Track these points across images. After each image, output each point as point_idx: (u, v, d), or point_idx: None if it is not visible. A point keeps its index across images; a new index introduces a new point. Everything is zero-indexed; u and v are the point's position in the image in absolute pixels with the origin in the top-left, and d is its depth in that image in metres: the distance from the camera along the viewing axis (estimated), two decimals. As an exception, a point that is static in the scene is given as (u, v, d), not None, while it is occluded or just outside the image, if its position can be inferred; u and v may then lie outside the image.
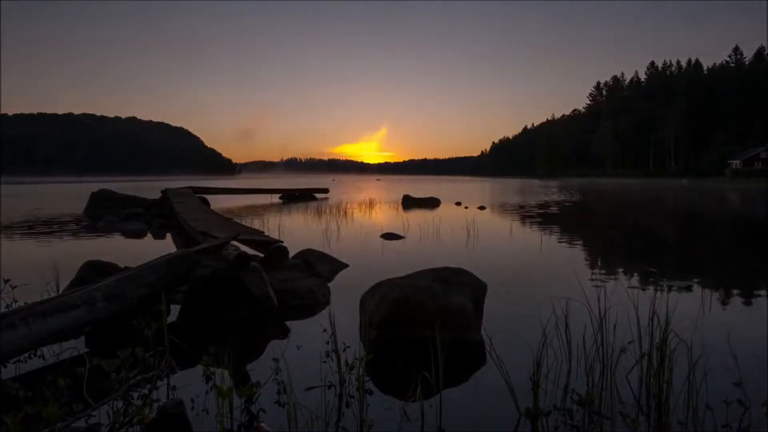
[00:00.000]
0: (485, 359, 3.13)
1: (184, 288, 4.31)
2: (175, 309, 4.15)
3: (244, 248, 5.27)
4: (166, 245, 8.71)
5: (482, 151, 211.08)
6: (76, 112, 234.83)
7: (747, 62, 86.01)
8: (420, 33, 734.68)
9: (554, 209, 17.35)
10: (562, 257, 7.23)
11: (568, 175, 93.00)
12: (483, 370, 3.00)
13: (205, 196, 17.71)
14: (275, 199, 22.66)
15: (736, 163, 63.57)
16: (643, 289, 4.99)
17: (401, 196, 20.45)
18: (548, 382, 2.64)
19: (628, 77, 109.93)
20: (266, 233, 7.26)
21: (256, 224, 9.86)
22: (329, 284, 5.19)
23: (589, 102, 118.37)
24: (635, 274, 5.97)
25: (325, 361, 2.73)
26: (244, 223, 9.34)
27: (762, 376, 2.78)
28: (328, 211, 15.00)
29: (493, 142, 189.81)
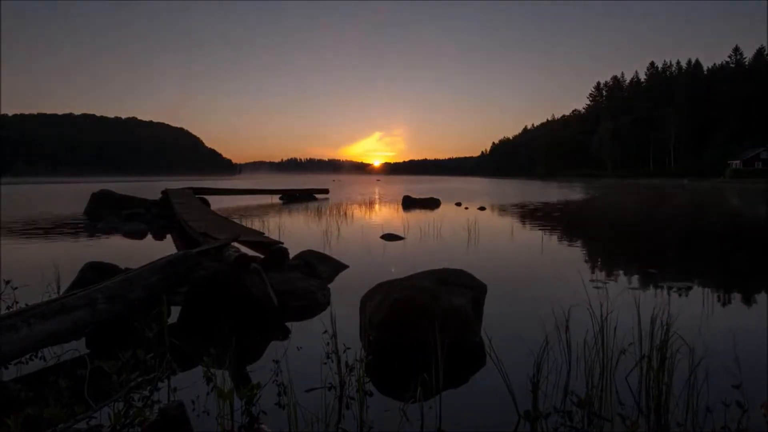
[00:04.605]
0: (485, 361, 3.14)
1: (184, 289, 4.31)
2: (175, 310, 4.16)
3: (244, 249, 5.28)
4: (167, 246, 8.72)
5: (482, 152, 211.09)
6: (76, 112, 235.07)
7: (747, 62, 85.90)
8: (421, 33, 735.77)
9: (554, 210, 17.35)
10: (562, 258, 7.24)
11: (568, 175, 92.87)
12: (483, 371, 3.01)
13: (205, 196, 17.73)
14: (275, 199, 22.68)
15: (736, 163, 63.49)
16: (645, 291, 4.99)
17: (401, 197, 20.47)
18: (548, 384, 2.64)
19: (628, 77, 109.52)
20: (266, 234, 7.27)
21: (256, 225, 9.88)
22: (329, 285, 5.19)
23: (589, 102, 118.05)
24: (636, 275, 5.97)
25: (325, 363, 2.74)
26: (244, 224, 9.37)
27: (762, 378, 2.79)
28: (328, 211, 15.00)
29: (493, 143, 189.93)
